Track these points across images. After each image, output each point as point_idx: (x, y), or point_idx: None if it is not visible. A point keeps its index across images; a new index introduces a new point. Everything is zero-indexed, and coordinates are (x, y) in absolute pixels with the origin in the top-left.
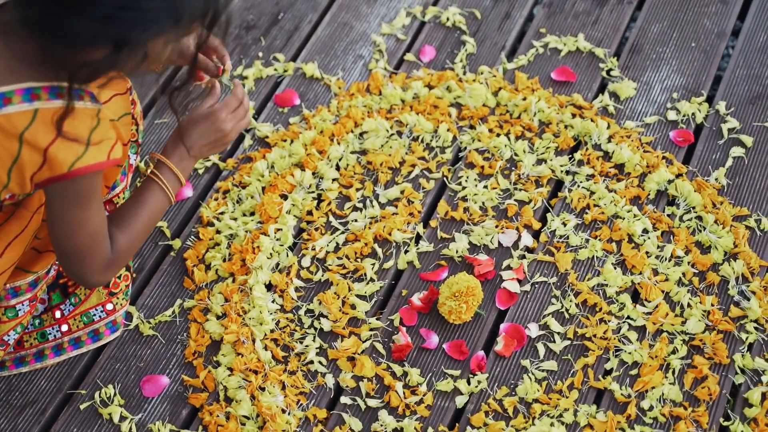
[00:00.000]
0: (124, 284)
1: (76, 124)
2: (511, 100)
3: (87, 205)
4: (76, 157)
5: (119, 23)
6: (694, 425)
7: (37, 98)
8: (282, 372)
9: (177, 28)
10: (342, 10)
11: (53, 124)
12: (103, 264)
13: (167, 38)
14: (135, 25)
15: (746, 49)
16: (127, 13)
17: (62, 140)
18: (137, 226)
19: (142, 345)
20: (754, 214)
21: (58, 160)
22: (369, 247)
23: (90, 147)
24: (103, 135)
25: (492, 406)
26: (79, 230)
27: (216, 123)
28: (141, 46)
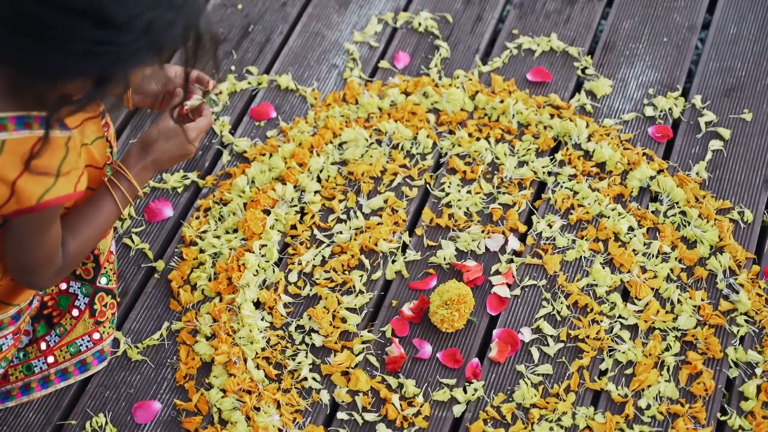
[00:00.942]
0: (110, 312)
1: (45, 156)
2: (489, 103)
3: (48, 228)
4: (45, 190)
5: (100, 59)
6: (692, 422)
7: (4, 129)
8: (276, 390)
9: (159, 60)
10: (312, 19)
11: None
12: (54, 272)
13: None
14: (116, 60)
15: (717, 41)
16: (107, 48)
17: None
18: (89, 232)
19: (131, 371)
20: (736, 206)
21: (26, 192)
22: (356, 258)
23: (59, 178)
24: (72, 165)
25: (490, 414)
26: (37, 250)
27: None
28: (122, 78)
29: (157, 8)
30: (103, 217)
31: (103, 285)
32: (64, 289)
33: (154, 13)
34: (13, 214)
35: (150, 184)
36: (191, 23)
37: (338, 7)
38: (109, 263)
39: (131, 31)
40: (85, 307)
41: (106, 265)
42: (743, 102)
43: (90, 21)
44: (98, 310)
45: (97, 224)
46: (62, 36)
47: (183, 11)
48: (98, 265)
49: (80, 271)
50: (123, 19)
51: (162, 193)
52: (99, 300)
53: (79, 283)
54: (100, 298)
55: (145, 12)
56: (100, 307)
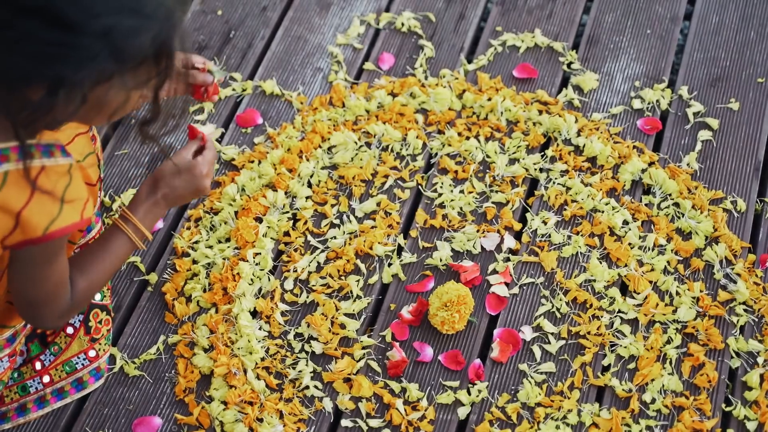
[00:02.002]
0: (105, 329)
1: (49, 183)
2: (477, 101)
3: (54, 261)
4: (51, 220)
5: (52, 61)
6: (697, 414)
7: (6, 160)
8: (278, 400)
9: (122, 72)
10: (294, 23)
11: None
12: (62, 310)
13: (112, 83)
14: (69, 64)
15: (700, 32)
16: (60, 50)
17: (36, 203)
18: (98, 272)
19: (129, 387)
20: (729, 196)
21: (32, 223)
22: (351, 263)
23: (64, 206)
24: (76, 193)
25: (495, 415)
26: (43, 284)
27: (198, 176)
28: (79, 87)
29: (120, 13)
30: (114, 256)
31: (97, 301)
32: None
33: (115, 17)
34: (18, 245)
35: None
36: (161, 38)
37: (319, 9)
38: None
39: (87, 34)
40: (80, 325)
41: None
42: (729, 91)
43: (44, 20)
44: (93, 327)
45: (107, 263)
46: (15, 36)
47: (151, 21)
48: None
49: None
50: (77, 19)
51: None
52: (94, 317)
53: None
54: (95, 315)
55: (103, 15)
56: (95, 324)
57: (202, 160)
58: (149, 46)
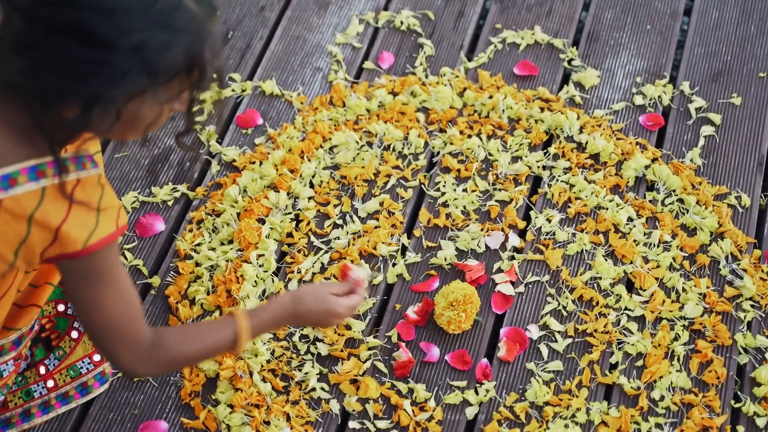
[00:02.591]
0: None
1: (84, 195)
2: (478, 99)
3: (101, 285)
4: (89, 233)
5: (87, 78)
6: (707, 411)
7: (43, 175)
8: (285, 403)
9: (155, 86)
10: (292, 23)
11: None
12: (136, 359)
13: (145, 97)
14: (103, 80)
15: (700, 27)
16: (95, 67)
17: (74, 217)
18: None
19: (134, 391)
20: (733, 191)
21: (70, 238)
22: (355, 263)
23: (100, 216)
24: (108, 202)
25: (504, 414)
26: (97, 312)
27: (333, 315)
28: (113, 104)
29: (151, 28)
30: (214, 339)
31: None
32: (62, 311)
33: (146, 32)
34: (56, 258)
35: (139, 198)
36: (193, 51)
37: (317, 9)
38: None
39: (120, 50)
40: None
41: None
42: (731, 86)
43: (76, 38)
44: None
45: (203, 341)
46: (50, 55)
47: (182, 35)
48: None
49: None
50: (110, 36)
51: (152, 207)
52: None
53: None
54: None
55: (135, 30)
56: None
57: (346, 303)
58: (181, 60)
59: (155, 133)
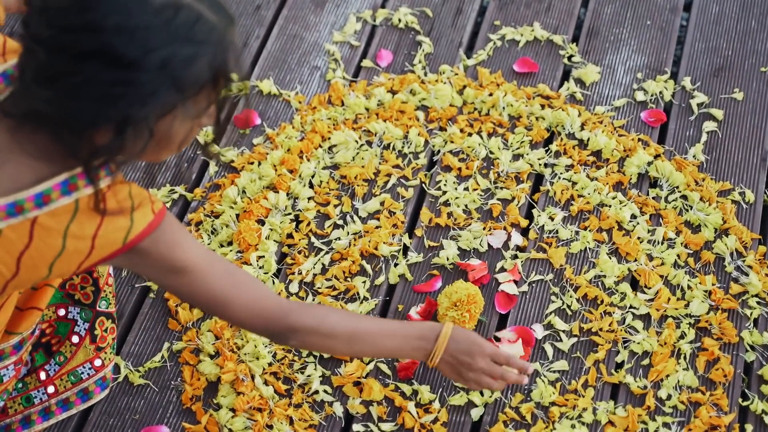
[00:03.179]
0: (110, 337)
1: (116, 202)
2: (478, 97)
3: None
4: (126, 231)
5: (117, 101)
6: (714, 409)
7: (75, 188)
8: (287, 406)
9: (184, 100)
10: (289, 21)
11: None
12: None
13: (176, 113)
14: (133, 102)
15: (700, 22)
16: (124, 89)
17: (108, 222)
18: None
19: (135, 396)
20: (736, 187)
21: (109, 240)
22: (357, 264)
23: (134, 215)
24: (139, 196)
25: (509, 415)
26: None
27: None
28: (144, 123)
29: (174, 43)
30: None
31: (103, 309)
32: (62, 315)
33: (170, 48)
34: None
35: None
36: (217, 62)
37: (314, 7)
38: (108, 286)
39: (146, 68)
40: (85, 333)
41: (105, 288)
42: (733, 81)
43: (102, 62)
44: (99, 335)
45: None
46: (78, 82)
47: (205, 46)
48: (98, 288)
49: (79, 296)
50: (135, 55)
51: None
52: (99, 325)
53: (78, 308)
54: (101, 323)
55: (159, 47)
56: (101, 333)
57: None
58: (207, 72)
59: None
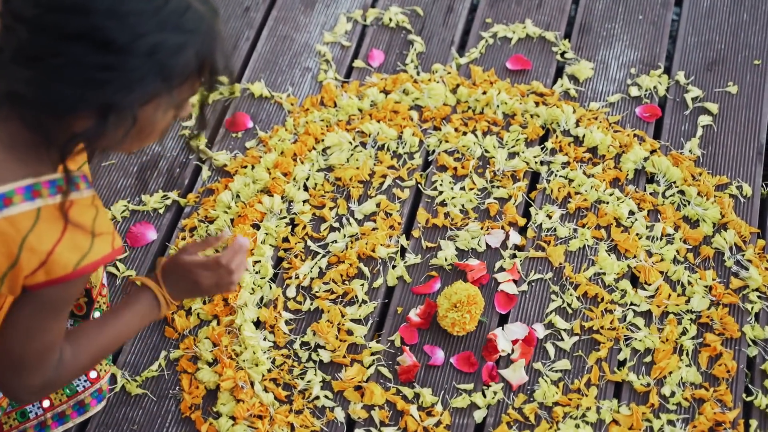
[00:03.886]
0: None
1: (79, 217)
2: (471, 95)
3: (61, 312)
4: (82, 255)
5: (101, 86)
6: (719, 405)
7: (39, 195)
8: (288, 413)
9: (169, 89)
10: (279, 23)
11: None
12: (42, 382)
13: (160, 101)
14: (119, 88)
15: (692, 16)
16: (110, 74)
17: (68, 239)
18: (91, 348)
19: (133, 406)
20: (734, 181)
21: (62, 261)
22: (354, 267)
23: (95, 240)
24: (104, 225)
25: (512, 416)
26: (38, 339)
27: (191, 277)
28: (129, 110)
29: (163, 31)
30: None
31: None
32: None
33: (160, 35)
34: (40, 285)
35: (129, 207)
36: (204, 51)
37: (304, 8)
38: (101, 296)
39: (134, 54)
40: None
41: (99, 299)
42: (726, 75)
43: (90, 45)
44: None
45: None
46: (61, 63)
47: (194, 36)
48: (91, 299)
49: (73, 308)
50: (125, 40)
51: (143, 216)
52: None
53: (72, 320)
54: None
55: (149, 33)
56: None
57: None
58: (193, 61)
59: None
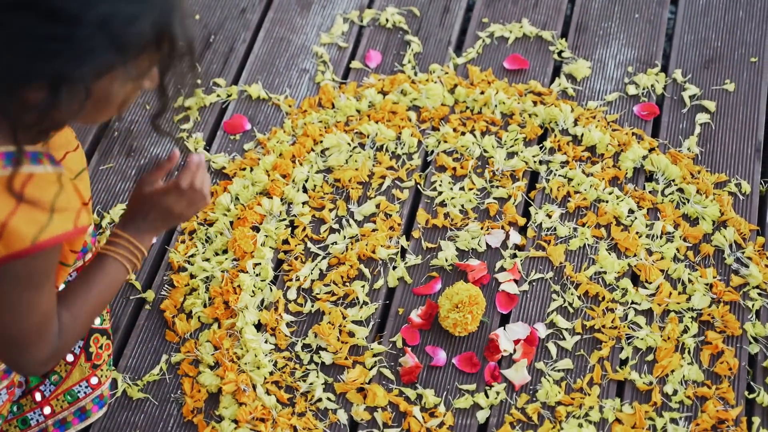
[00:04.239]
0: (106, 354)
1: (37, 191)
2: (469, 95)
3: (42, 285)
4: (40, 229)
5: (51, 57)
6: (721, 403)
7: None
8: (291, 415)
9: (124, 61)
10: (275, 24)
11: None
12: (50, 351)
13: (115, 74)
14: (69, 59)
15: (688, 14)
16: (60, 45)
17: (23, 211)
18: (86, 307)
19: (134, 410)
20: (732, 178)
21: (19, 234)
22: (355, 269)
23: (54, 215)
24: (67, 202)
25: (515, 416)
26: (30, 315)
27: (161, 206)
28: (81, 82)
29: (116, 0)
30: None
31: (97, 326)
32: None
33: (111, 5)
34: (2, 260)
35: None
36: (161, 22)
37: (300, 9)
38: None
39: (84, 25)
40: (80, 351)
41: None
42: (723, 72)
43: (37, 14)
44: (94, 352)
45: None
46: (9, 34)
47: (149, 6)
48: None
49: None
50: (72, 10)
51: None
52: (94, 342)
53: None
54: (95, 340)
55: (99, 4)
56: (96, 350)
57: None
58: (149, 32)
59: (141, 142)
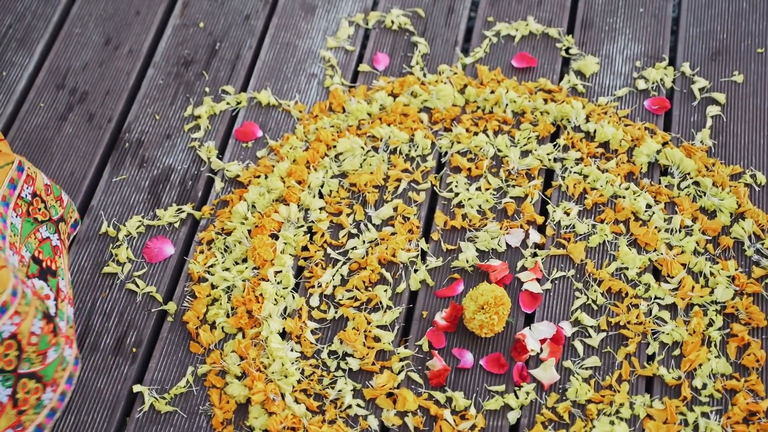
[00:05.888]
0: (34, 398)
1: None
2: (480, 95)
3: None
4: None
5: None
6: (751, 396)
7: None
8: (321, 423)
9: None
10: (280, 30)
11: None
12: None
13: None
14: None
15: (692, 6)
16: None
17: None
18: None
19: (163, 424)
20: (747, 170)
21: None
22: (376, 273)
23: None
24: None
25: (546, 416)
26: None
27: None
28: None
29: None
30: None
31: (25, 371)
32: None
33: None
34: None
35: (144, 222)
36: None
37: (304, 14)
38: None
39: None
40: (7, 400)
41: (27, 349)
42: (731, 64)
43: None
44: (21, 399)
45: None
46: None
47: None
48: (21, 350)
49: (2, 364)
50: None
51: (158, 230)
52: (21, 388)
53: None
54: (23, 386)
55: None
56: (23, 396)
57: None
58: None
59: (153, 153)
